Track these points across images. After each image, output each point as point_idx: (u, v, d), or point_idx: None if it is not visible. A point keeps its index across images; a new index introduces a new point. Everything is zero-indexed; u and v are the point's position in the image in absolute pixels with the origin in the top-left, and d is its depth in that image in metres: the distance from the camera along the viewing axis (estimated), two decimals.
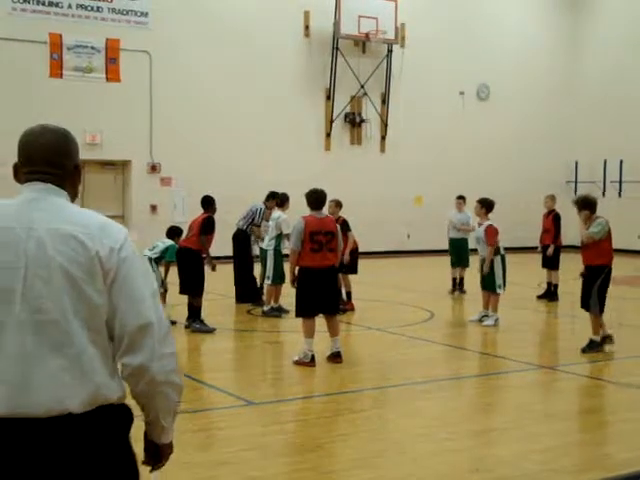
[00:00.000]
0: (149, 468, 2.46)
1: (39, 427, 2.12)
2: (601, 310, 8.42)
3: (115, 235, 2.24)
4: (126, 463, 2.26)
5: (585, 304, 8.50)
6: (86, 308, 2.17)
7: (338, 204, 11.00)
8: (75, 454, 2.15)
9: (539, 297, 12.93)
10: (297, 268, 8.01)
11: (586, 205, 8.40)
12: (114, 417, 2.23)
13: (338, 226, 8.30)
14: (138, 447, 2.36)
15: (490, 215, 10.59)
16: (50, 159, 2.30)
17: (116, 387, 2.23)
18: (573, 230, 12.63)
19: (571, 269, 11.36)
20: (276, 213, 11.27)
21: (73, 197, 2.37)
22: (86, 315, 2.17)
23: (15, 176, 2.37)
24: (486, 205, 10.56)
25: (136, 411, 2.31)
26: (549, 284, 12.85)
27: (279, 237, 11.03)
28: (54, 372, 2.13)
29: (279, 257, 11.01)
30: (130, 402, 2.31)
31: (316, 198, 8.03)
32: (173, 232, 10.62)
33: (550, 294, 12.77)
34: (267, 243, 11.16)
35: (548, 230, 12.92)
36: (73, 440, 2.15)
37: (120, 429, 2.26)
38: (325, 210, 8.41)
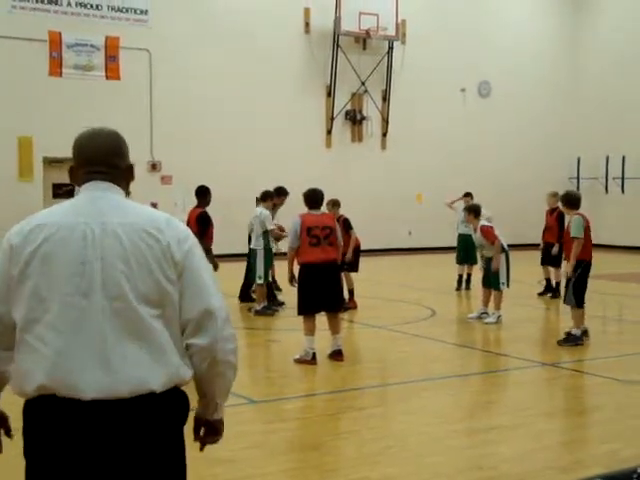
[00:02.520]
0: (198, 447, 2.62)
1: (125, 407, 2.24)
2: (580, 304, 8.71)
3: (180, 228, 2.43)
4: (182, 444, 2.43)
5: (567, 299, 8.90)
6: (160, 296, 2.33)
7: (336, 204, 10.83)
8: (156, 431, 2.30)
9: (539, 294, 12.87)
10: (297, 266, 7.98)
11: (566, 202, 9.03)
12: (180, 400, 2.40)
13: (337, 223, 8.32)
14: None
15: (484, 215, 10.77)
16: (106, 159, 2.45)
17: (188, 368, 2.39)
18: None
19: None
20: (257, 209, 10.95)
21: (127, 194, 2.52)
22: (161, 302, 2.33)
23: (71, 178, 2.52)
24: (473, 210, 10.73)
25: None
26: (548, 280, 12.78)
27: (265, 234, 10.71)
28: (134, 354, 2.27)
29: (269, 255, 10.78)
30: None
31: (313, 197, 8.09)
32: None
33: (550, 290, 12.70)
34: (255, 242, 10.81)
35: (550, 227, 12.80)
36: (154, 418, 2.30)
37: (183, 412, 2.42)
38: (324, 210, 8.42)
